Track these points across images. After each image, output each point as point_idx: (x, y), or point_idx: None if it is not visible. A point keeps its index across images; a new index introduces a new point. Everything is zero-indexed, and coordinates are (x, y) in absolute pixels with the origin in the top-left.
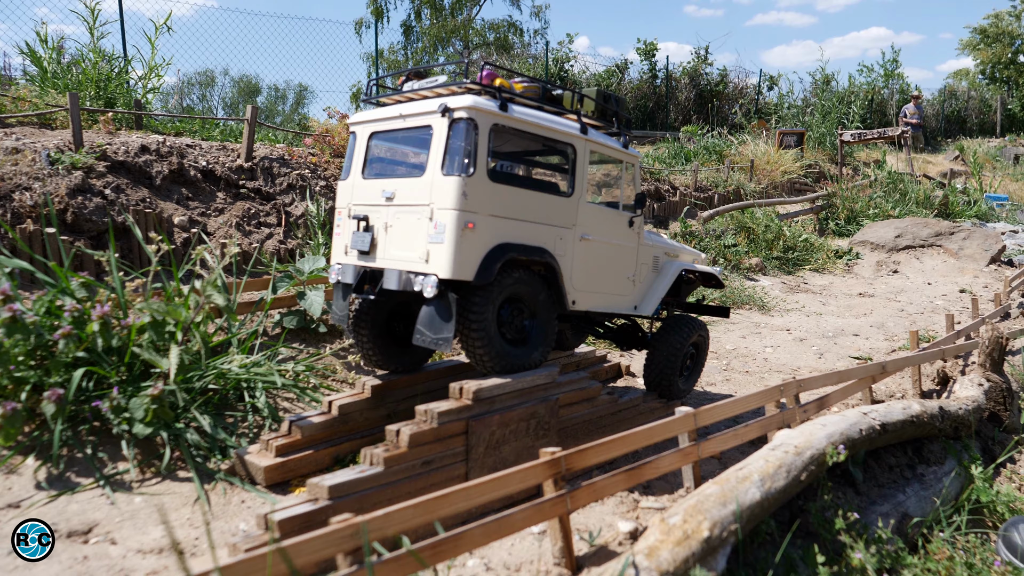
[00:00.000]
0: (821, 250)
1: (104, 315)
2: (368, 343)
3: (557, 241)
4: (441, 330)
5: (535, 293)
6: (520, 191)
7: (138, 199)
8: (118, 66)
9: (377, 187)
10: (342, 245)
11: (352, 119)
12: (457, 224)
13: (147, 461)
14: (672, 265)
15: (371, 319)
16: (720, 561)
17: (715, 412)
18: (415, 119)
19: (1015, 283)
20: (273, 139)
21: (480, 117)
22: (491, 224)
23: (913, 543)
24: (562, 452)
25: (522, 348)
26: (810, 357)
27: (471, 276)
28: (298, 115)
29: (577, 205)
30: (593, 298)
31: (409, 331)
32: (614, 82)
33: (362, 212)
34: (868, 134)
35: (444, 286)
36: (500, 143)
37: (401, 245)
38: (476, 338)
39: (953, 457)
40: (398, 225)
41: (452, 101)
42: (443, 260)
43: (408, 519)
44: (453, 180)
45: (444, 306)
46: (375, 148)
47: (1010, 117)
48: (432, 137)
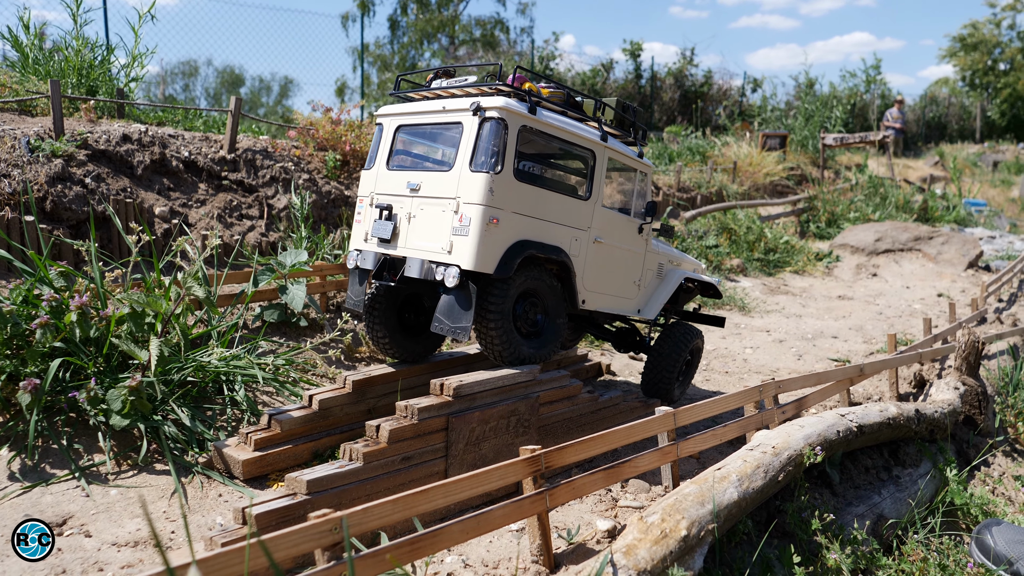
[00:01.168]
0: (802, 252)
1: (82, 305)
2: (380, 329)
3: (572, 242)
4: (460, 319)
5: (549, 290)
6: (542, 191)
7: (119, 189)
8: (101, 54)
9: (402, 178)
10: (362, 232)
11: (380, 111)
12: (482, 218)
13: (123, 453)
14: (675, 273)
15: (385, 306)
16: (697, 560)
17: (694, 412)
18: (445, 115)
19: (992, 288)
20: (256, 131)
21: (510, 118)
22: (513, 221)
23: (888, 544)
24: (542, 450)
25: (535, 341)
26: (789, 358)
27: (492, 269)
28: (282, 107)
29: (593, 209)
30: (601, 299)
31: (419, 321)
32: (599, 81)
33: (385, 202)
34: (850, 138)
35: (465, 277)
36: (526, 144)
37: (424, 235)
38: (493, 329)
39: (928, 460)
40: (422, 216)
41: (485, 101)
42: (466, 252)
43: (387, 515)
44: (481, 176)
45: (464, 296)
46: (401, 141)
47: (989, 124)
48: (462, 134)
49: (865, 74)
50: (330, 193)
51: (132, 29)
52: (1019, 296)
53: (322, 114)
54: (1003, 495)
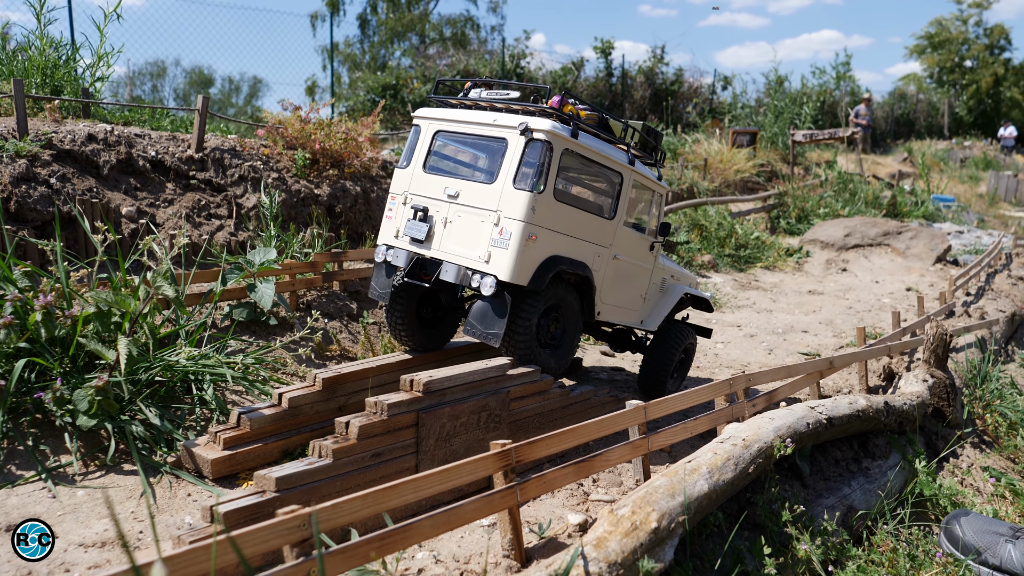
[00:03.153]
0: (772, 248)
1: (47, 305)
2: (400, 320)
3: (595, 258)
4: (492, 325)
5: (570, 303)
6: (574, 210)
7: (85, 189)
8: (65, 53)
9: (439, 183)
10: (393, 228)
11: (419, 112)
12: (523, 234)
13: (91, 454)
14: (676, 288)
15: (406, 300)
16: (668, 552)
17: (665, 405)
18: (489, 129)
19: (960, 282)
20: (225, 130)
21: (555, 141)
22: (549, 237)
23: (858, 535)
24: (512, 444)
25: (553, 352)
26: (760, 353)
27: (526, 281)
28: (252, 107)
29: (616, 227)
30: (613, 311)
31: (435, 315)
32: (570, 79)
33: (421, 204)
34: (819, 134)
35: (501, 287)
36: (565, 165)
37: (460, 241)
38: (520, 337)
39: (898, 451)
40: (459, 222)
41: (533, 122)
42: (504, 264)
43: (357, 510)
44: (524, 195)
45: (500, 304)
46: (439, 145)
47: (957, 120)
48: (506, 150)
49: (835, 71)
50: (300, 192)
51: (98, 28)
52: (987, 290)
53: (291, 113)
54: (971, 486)
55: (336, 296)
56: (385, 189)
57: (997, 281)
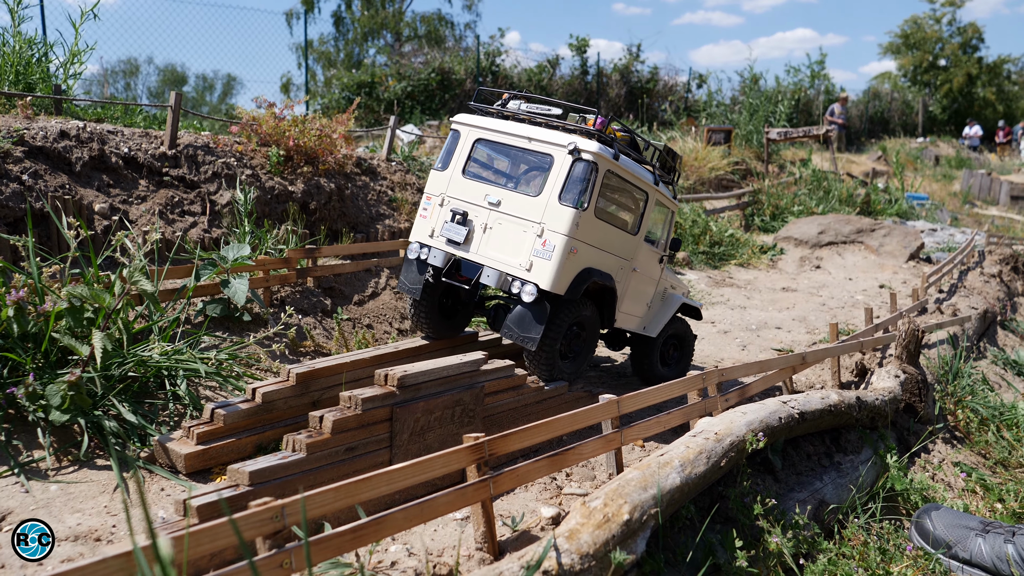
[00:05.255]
0: (746, 245)
1: (20, 300)
2: (424, 311)
3: (619, 270)
4: (530, 330)
5: (593, 313)
6: (608, 226)
7: (57, 185)
8: (39, 51)
9: (479, 189)
10: (428, 228)
11: (458, 118)
12: (565, 248)
13: (64, 449)
14: (675, 298)
15: (432, 294)
16: (640, 544)
17: (638, 399)
18: (535, 144)
19: (933, 279)
20: (199, 127)
21: (600, 162)
22: (585, 250)
23: (829, 529)
24: (486, 437)
25: (571, 362)
26: (734, 349)
27: (563, 291)
28: (226, 105)
29: (638, 242)
30: (627, 319)
31: (455, 306)
32: (545, 77)
33: (461, 208)
34: (794, 132)
35: (541, 294)
36: (604, 184)
37: (501, 248)
38: (548, 343)
39: (870, 446)
40: (500, 230)
41: (581, 143)
42: (546, 274)
43: (329, 502)
44: (569, 211)
45: (539, 311)
46: (479, 152)
47: (931, 119)
48: (552, 166)
49: (810, 69)
50: (274, 188)
51: (73, 26)
52: (959, 287)
53: (266, 110)
54: (943, 481)
55: (310, 292)
56: (360, 186)
57: (970, 278)
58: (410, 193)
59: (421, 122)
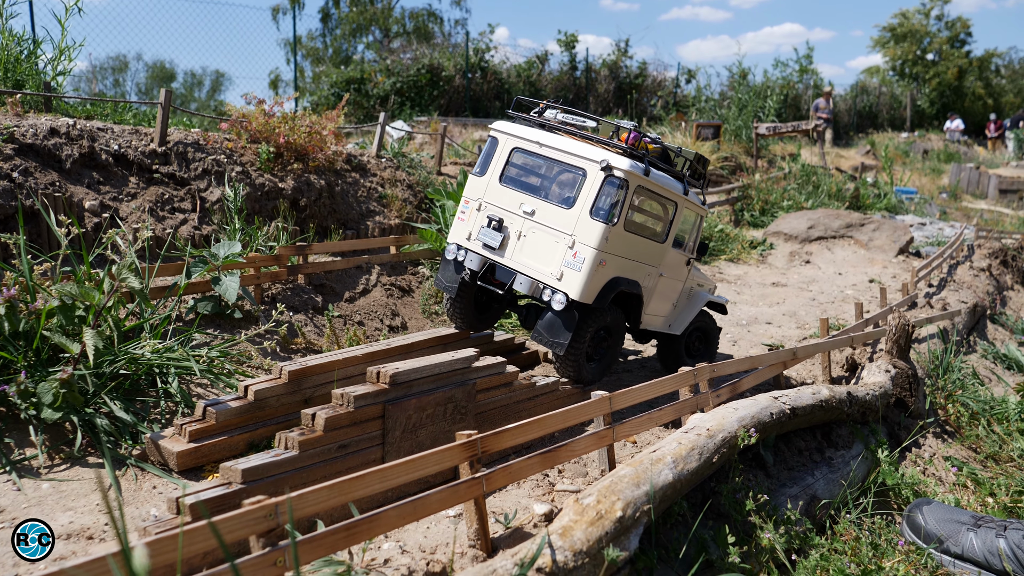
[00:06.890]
0: (736, 240)
1: (11, 298)
2: (459, 307)
3: (646, 277)
4: (559, 336)
5: (618, 319)
6: (636, 237)
7: (47, 183)
8: (27, 48)
9: (515, 197)
10: (465, 230)
11: (496, 125)
12: (595, 260)
13: (56, 447)
14: (701, 296)
15: (467, 293)
16: (633, 541)
17: (630, 396)
18: (570, 157)
19: (922, 273)
20: (188, 124)
21: (631, 179)
22: (614, 261)
23: (821, 524)
24: (478, 434)
25: (593, 363)
26: (724, 344)
27: (591, 300)
28: (215, 102)
29: (666, 250)
30: (652, 320)
31: (490, 302)
32: (534, 73)
33: (497, 214)
34: (783, 127)
35: (570, 303)
36: (634, 198)
37: (534, 256)
38: (575, 348)
39: (860, 441)
40: (533, 238)
41: (613, 160)
42: (576, 283)
43: (323, 501)
44: (600, 225)
45: (569, 318)
46: (516, 160)
47: (920, 113)
48: (585, 180)
49: (798, 64)
50: (264, 185)
51: (59, 22)
52: (949, 281)
53: (255, 107)
54: (934, 475)
55: (301, 289)
56: (349, 183)
57: (959, 272)
58: (400, 190)
59: (411, 118)
